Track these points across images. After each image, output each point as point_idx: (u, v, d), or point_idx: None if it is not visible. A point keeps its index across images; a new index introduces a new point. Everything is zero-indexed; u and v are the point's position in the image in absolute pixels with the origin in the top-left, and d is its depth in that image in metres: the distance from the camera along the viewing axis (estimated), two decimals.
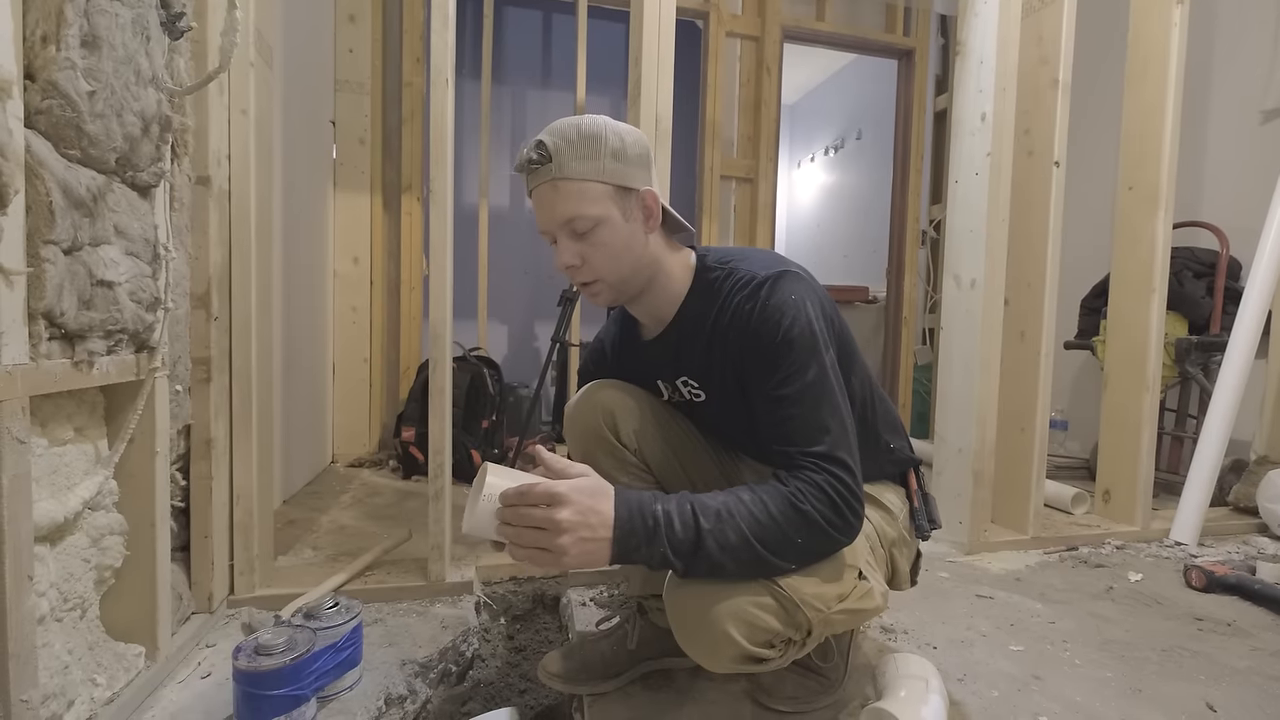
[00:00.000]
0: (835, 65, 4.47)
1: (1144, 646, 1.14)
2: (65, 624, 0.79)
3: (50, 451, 0.77)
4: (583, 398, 0.92)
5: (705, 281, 0.84)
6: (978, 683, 1.00)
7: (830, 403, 0.73)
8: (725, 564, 0.68)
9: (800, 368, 0.74)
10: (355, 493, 2.00)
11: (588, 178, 0.76)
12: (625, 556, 0.67)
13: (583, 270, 0.79)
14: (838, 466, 0.70)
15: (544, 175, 0.76)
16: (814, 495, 0.69)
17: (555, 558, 0.65)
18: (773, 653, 0.71)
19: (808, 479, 0.70)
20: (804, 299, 0.77)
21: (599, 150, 0.76)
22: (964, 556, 1.58)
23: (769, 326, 0.75)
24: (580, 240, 0.78)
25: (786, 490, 0.70)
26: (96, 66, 0.74)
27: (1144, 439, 1.74)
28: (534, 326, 3.19)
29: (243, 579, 1.17)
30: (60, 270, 0.71)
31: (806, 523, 0.68)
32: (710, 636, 0.69)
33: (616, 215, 0.78)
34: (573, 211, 0.76)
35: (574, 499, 0.65)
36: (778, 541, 0.68)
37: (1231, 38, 2.28)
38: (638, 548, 0.66)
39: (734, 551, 0.67)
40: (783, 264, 0.81)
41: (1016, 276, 1.65)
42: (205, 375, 1.09)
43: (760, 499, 0.69)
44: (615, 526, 0.66)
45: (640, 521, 0.67)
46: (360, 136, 2.42)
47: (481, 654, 1.20)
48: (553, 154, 0.75)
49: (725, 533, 0.67)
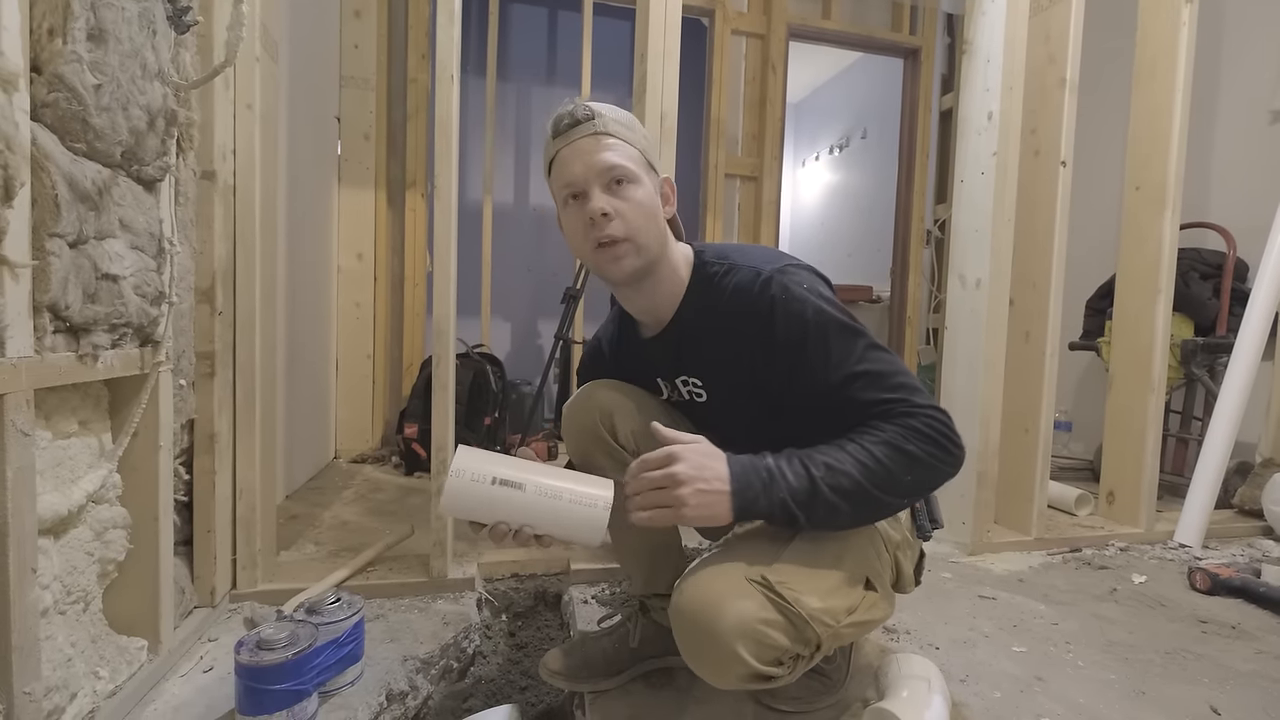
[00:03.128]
0: (840, 64, 4.45)
1: (1147, 649, 1.13)
2: (68, 617, 0.80)
3: (54, 444, 0.77)
4: (580, 397, 0.92)
5: (704, 278, 0.84)
6: (980, 683, 1.00)
7: (889, 359, 0.76)
8: (840, 507, 0.70)
9: (847, 344, 0.75)
10: (358, 488, 2.00)
11: (629, 140, 0.79)
12: (745, 508, 0.69)
13: (615, 223, 0.76)
14: (925, 407, 0.73)
15: (588, 129, 0.78)
16: (914, 436, 0.71)
17: (676, 511, 0.69)
18: (781, 670, 0.70)
19: (901, 423, 0.72)
20: (815, 287, 0.78)
21: (634, 128, 0.81)
22: (967, 557, 1.57)
23: (798, 323, 0.76)
24: (615, 193, 0.77)
25: (884, 435, 0.71)
26: (103, 60, 0.74)
27: (1149, 441, 1.74)
28: (537, 324, 3.19)
29: (245, 573, 1.17)
30: (65, 263, 0.71)
31: (912, 461, 0.71)
32: (718, 655, 0.69)
33: (648, 181, 0.80)
34: (616, 159, 0.77)
35: (688, 455, 0.69)
36: (888, 482, 0.71)
37: (1239, 38, 2.26)
38: (755, 499, 0.69)
39: (848, 495, 0.70)
40: (782, 258, 0.81)
41: (1022, 276, 1.64)
42: (209, 370, 1.09)
43: (863, 447, 0.71)
44: (732, 479, 0.69)
45: (755, 474, 0.70)
46: (365, 132, 2.42)
47: (483, 650, 1.20)
48: (596, 114, 0.78)
49: (837, 479, 0.70)
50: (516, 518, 0.71)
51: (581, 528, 0.71)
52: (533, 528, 0.72)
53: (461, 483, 0.69)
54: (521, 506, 0.70)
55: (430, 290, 2.62)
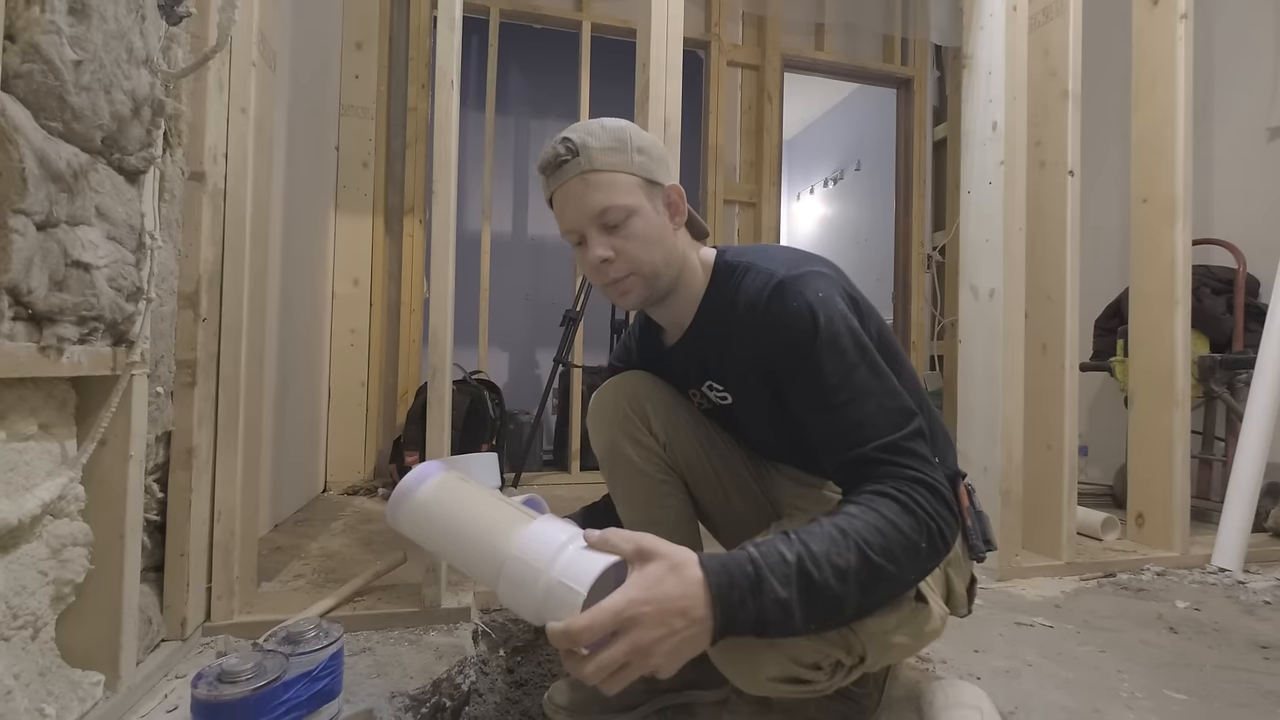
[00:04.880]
0: (831, 100, 4.56)
1: (1209, 676, 1.03)
2: (13, 644, 0.70)
3: (8, 446, 0.69)
4: (613, 384, 0.86)
5: (722, 280, 0.80)
6: (1031, 715, 0.90)
7: (892, 390, 0.67)
8: (847, 597, 0.57)
9: (849, 367, 0.67)
10: (348, 519, 1.90)
11: (617, 169, 0.73)
12: (729, 622, 0.54)
13: (616, 264, 0.75)
14: (920, 461, 0.63)
15: (572, 170, 0.74)
16: (919, 494, 0.61)
17: (653, 675, 0.53)
18: (820, 674, 0.62)
19: (900, 475, 0.62)
20: (831, 295, 0.71)
21: (625, 144, 0.74)
22: (995, 583, 1.48)
23: (801, 331, 0.69)
24: (612, 233, 0.74)
25: (886, 496, 0.61)
26: (84, 36, 0.70)
27: (1177, 458, 1.66)
28: (535, 353, 3.14)
29: (220, 604, 1.07)
30: (30, 243, 0.65)
31: (921, 525, 0.60)
32: (751, 652, 0.61)
33: (647, 206, 0.75)
34: (605, 202, 0.73)
35: (647, 605, 0.51)
36: (904, 551, 0.58)
37: (1230, 56, 2.29)
38: (742, 601, 0.54)
39: (855, 575, 0.56)
40: (805, 261, 0.76)
41: (1035, 289, 1.60)
42: (190, 379, 1.02)
43: (868, 509, 0.60)
44: (708, 587, 0.53)
45: (737, 569, 0.55)
46: (364, 160, 2.42)
47: (479, 688, 1.10)
48: (580, 148, 0.73)
49: (841, 553, 0.56)
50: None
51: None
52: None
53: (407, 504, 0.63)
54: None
55: (427, 317, 2.58)
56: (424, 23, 2.55)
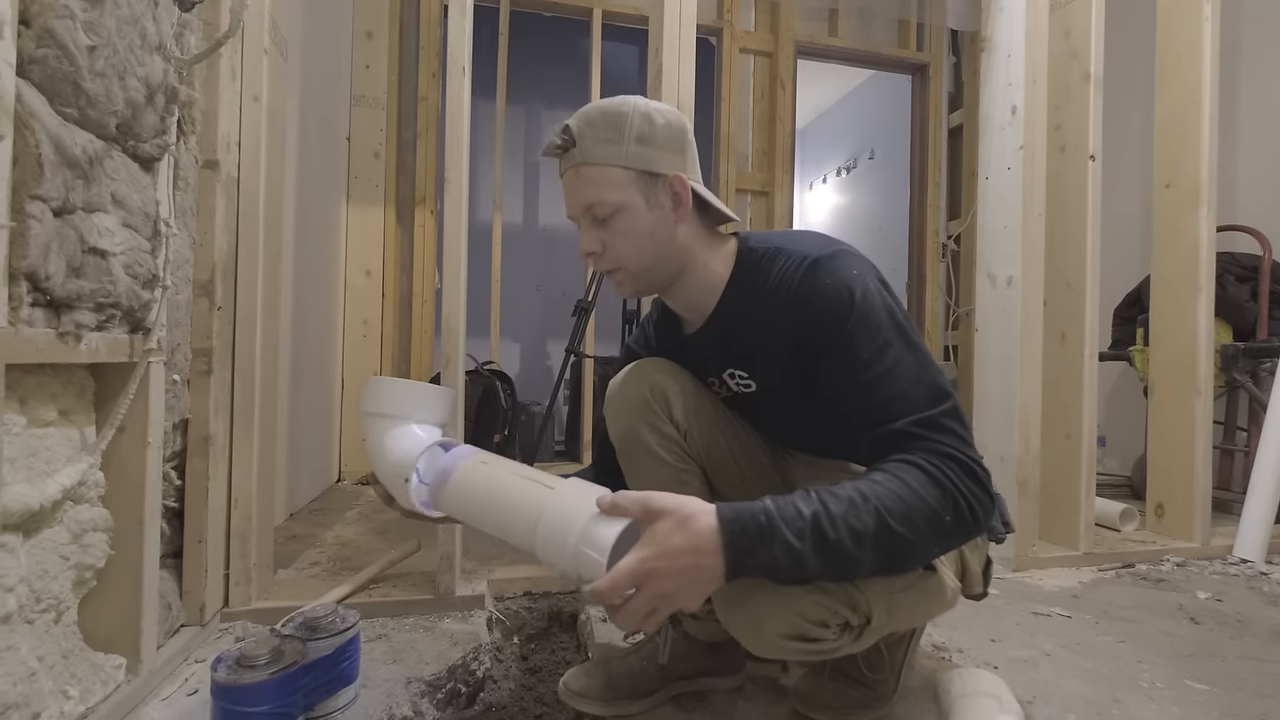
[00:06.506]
0: (845, 88, 4.49)
1: (1232, 667, 1.02)
2: (36, 627, 0.71)
3: (29, 432, 0.70)
4: (633, 370, 0.84)
5: (749, 265, 0.78)
6: (1050, 705, 0.89)
7: (929, 367, 0.67)
8: (861, 559, 0.58)
9: (884, 343, 0.66)
10: (362, 508, 1.91)
11: (609, 163, 0.73)
12: (739, 564, 0.57)
13: (603, 258, 0.76)
14: (955, 437, 0.63)
15: (568, 161, 0.74)
16: (949, 468, 0.61)
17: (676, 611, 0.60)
18: (828, 633, 0.63)
19: (933, 449, 0.62)
20: (865, 274, 0.71)
21: (622, 134, 0.73)
22: (1012, 573, 1.46)
23: (837, 307, 0.68)
24: (601, 227, 0.74)
25: (914, 465, 0.61)
26: (98, 21, 0.70)
27: (1198, 448, 1.63)
28: (547, 345, 3.14)
29: (238, 590, 1.09)
30: (48, 229, 0.65)
31: (948, 498, 0.60)
32: (756, 607, 0.62)
33: (639, 202, 0.73)
34: (592, 198, 0.73)
35: (658, 560, 0.55)
36: (926, 521, 0.59)
37: (1258, 35, 2.23)
38: (752, 549, 0.57)
39: (873, 539, 0.57)
40: (834, 243, 0.75)
41: (1054, 277, 1.57)
42: (206, 367, 1.03)
43: (893, 476, 0.60)
44: (721, 531, 0.56)
45: (750, 518, 0.57)
46: (375, 150, 2.42)
47: (494, 674, 1.10)
48: (576, 138, 0.73)
49: (860, 515, 0.57)
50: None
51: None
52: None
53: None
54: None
55: (439, 308, 2.59)
56: (434, 12, 2.54)
